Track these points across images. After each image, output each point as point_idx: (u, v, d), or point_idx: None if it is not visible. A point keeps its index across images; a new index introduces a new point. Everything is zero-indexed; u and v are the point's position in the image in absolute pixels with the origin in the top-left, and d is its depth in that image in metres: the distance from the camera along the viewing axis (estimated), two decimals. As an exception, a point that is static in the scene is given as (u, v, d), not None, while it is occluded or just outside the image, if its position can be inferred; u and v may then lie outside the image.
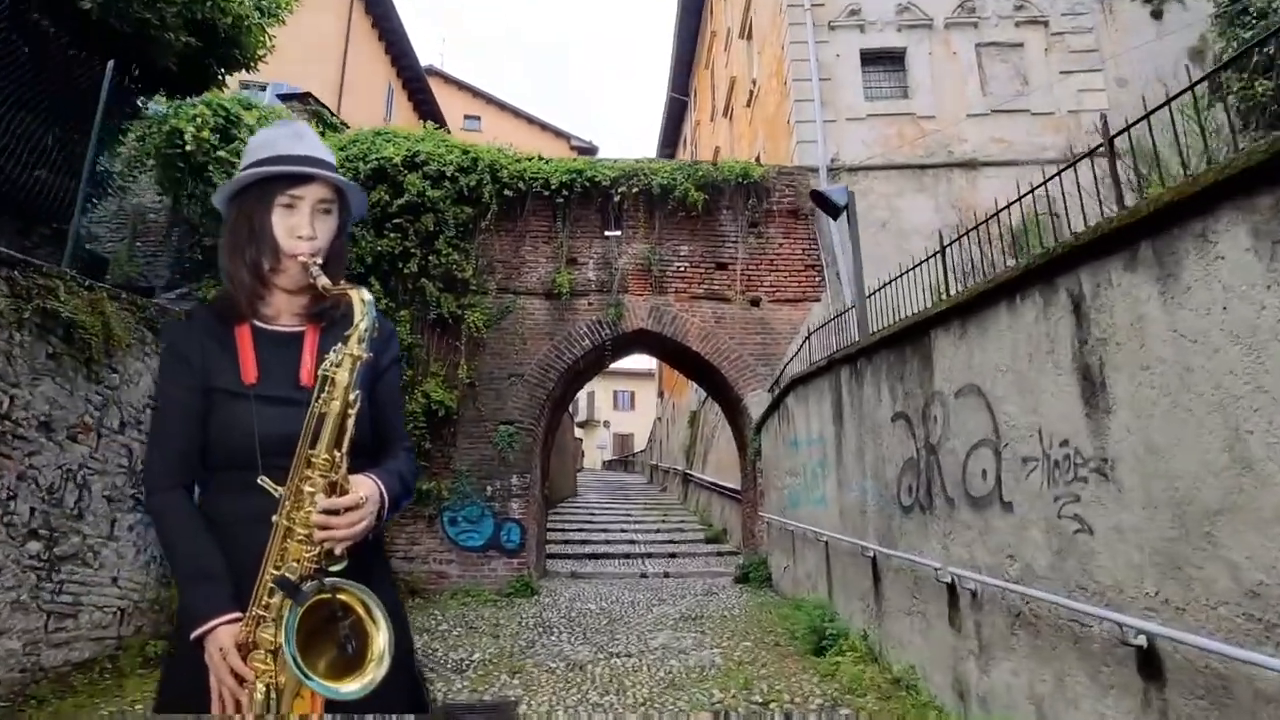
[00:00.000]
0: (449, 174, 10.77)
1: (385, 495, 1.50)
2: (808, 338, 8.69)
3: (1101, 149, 3.75)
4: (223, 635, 1.37)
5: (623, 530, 16.28)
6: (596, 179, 11.16)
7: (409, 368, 10.26)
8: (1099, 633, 3.05)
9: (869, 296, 6.78)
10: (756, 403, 10.51)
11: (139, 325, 6.20)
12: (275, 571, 1.37)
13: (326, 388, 1.43)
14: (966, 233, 5.21)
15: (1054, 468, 3.38)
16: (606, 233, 11.26)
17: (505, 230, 11.14)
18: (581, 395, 56.14)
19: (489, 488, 10.04)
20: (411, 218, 10.56)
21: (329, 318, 1.62)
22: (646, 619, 7.80)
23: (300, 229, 1.55)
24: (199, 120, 6.89)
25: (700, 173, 11.28)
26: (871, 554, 5.61)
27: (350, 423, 1.43)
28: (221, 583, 1.42)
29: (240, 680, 1.35)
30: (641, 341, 11.35)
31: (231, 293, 1.59)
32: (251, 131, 7.44)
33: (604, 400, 55.15)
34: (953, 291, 5.06)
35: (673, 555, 12.97)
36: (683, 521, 17.96)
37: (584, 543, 14.48)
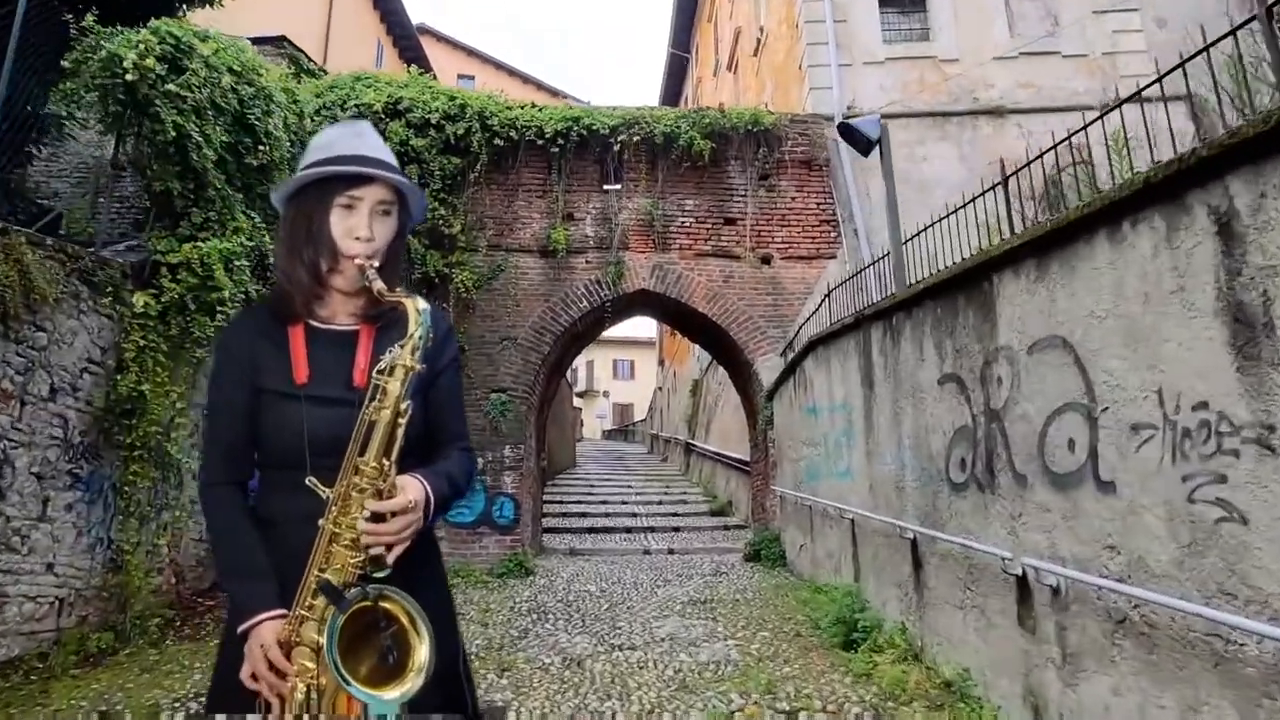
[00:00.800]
0: (434, 122, 9.92)
1: (432, 497, 1.48)
2: (829, 294, 7.92)
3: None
4: (265, 631, 1.39)
5: (623, 503, 15.65)
6: (594, 127, 10.30)
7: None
8: (1257, 654, 2.33)
9: (904, 242, 6.01)
10: (768, 368, 9.77)
11: (71, 278, 5.43)
12: (319, 572, 1.39)
13: (378, 397, 1.43)
14: (1021, 168, 4.42)
15: (1182, 438, 2.63)
16: (605, 186, 10.43)
17: (496, 183, 10.31)
18: (580, 364, 55.58)
19: (480, 460, 9.32)
20: (394, 169, 9.71)
21: (385, 318, 1.59)
22: (651, 603, 7.12)
23: (358, 230, 1.53)
24: (142, 47, 6.05)
25: (707, 120, 10.42)
26: (911, 536, 4.90)
27: (400, 432, 1.42)
28: (266, 580, 1.45)
29: (281, 675, 1.36)
30: (643, 302, 10.57)
31: (287, 291, 1.57)
32: (207, 65, 6.59)
33: (603, 370, 54.48)
34: (981, 247, 4.29)
35: (676, 530, 12.31)
36: (685, 493, 17.31)
37: (583, 515, 13.82)
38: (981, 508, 4.06)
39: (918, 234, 6.11)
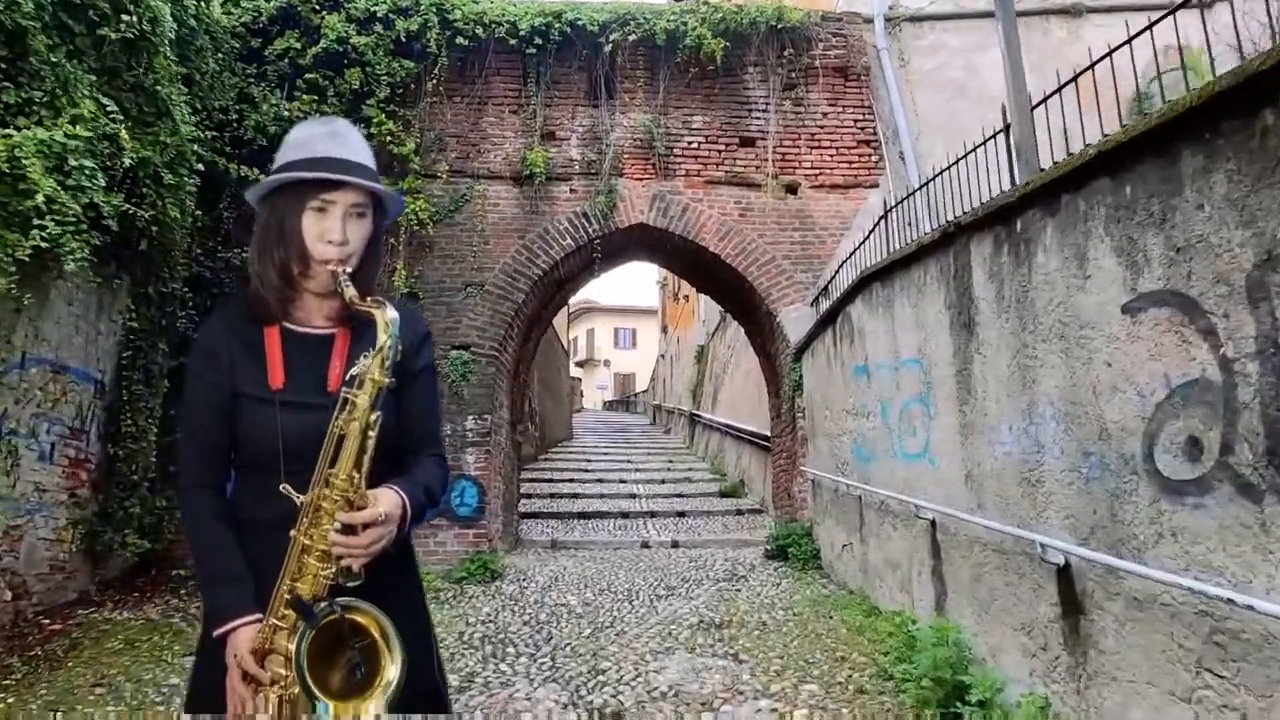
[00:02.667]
0: (381, 15, 7.94)
1: (408, 507, 1.48)
2: (883, 217, 6.00)
3: None
4: (240, 638, 1.40)
5: (621, 481, 13.88)
6: (580, 24, 8.30)
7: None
8: None
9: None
10: (794, 320, 7.89)
11: None
12: (292, 583, 1.39)
13: (347, 409, 1.43)
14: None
15: None
16: (594, 100, 8.47)
17: (459, 95, 8.35)
18: (580, 333, 53.83)
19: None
20: (330, 73, 7.79)
21: (361, 321, 1.54)
22: (649, 625, 5.33)
23: (331, 233, 1.51)
24: None
25: (719, 15, 8.42)
26: (1060, 559, 3.06)
27: (370, 444, 1.42)
28: (242, 583, 1.44)
29: (255, 683, 1.37)
30: (641, 242, 8.66)
31: (257, 294, 1.56)
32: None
33: (604, 338, 52.67)
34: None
35: (681, 515, 10.51)
36: (691, 470, 15.54)
37: (574, 497, 12.04)
38: (1248, 526, 2.21)
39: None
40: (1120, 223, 2.79)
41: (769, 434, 10.62)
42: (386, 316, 1.46)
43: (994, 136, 4.30)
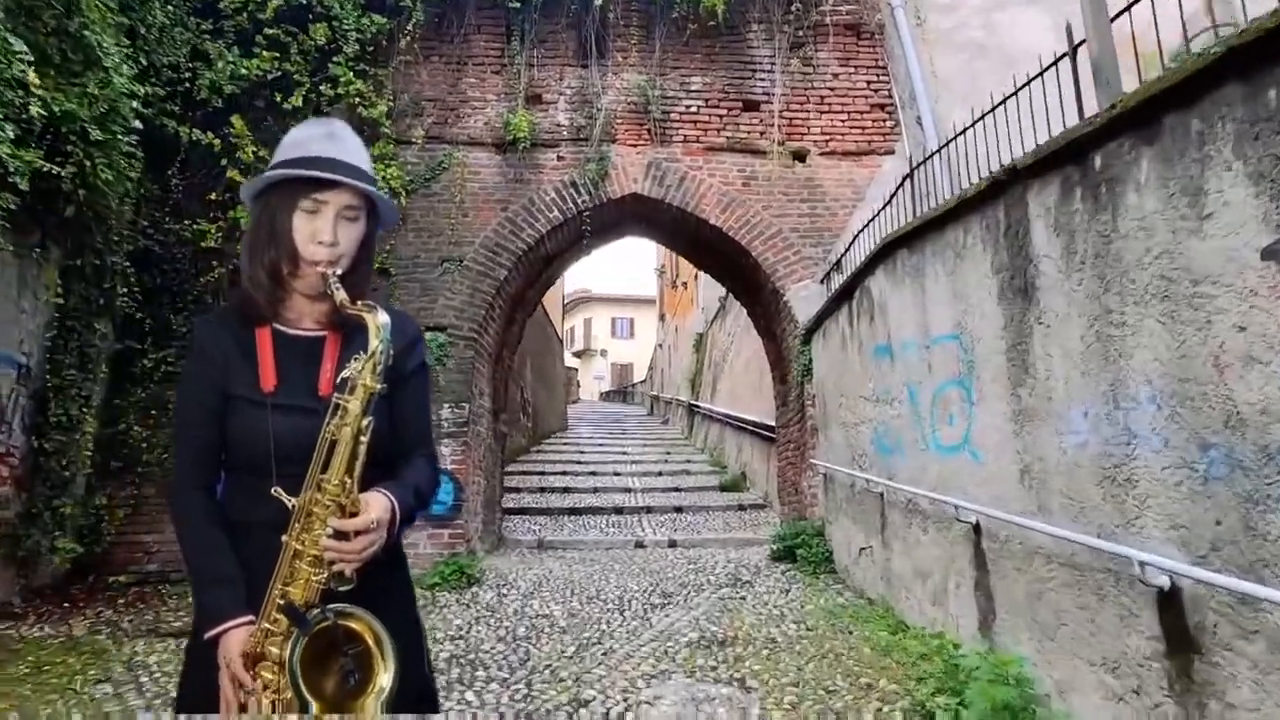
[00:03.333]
0: (349, -36, 7.22)
1: (398, 511, 1.47)
2: (907, 176, 5.31)
3: None
4: (231, 641, 1.39)
5: (616, 474, 13.21)
6: (569, -24, 7.60)
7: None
8: None
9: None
10: (803, 299, 7.20)
11: None
12: (283, 588, 1.38)
13: (339, 414, 1.42)
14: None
15: None
16: (584, 60, 7.76)
17: (436, 54, 7.64)
18: (578, 323, 53.09)
19: None
20: (294, 29, 7.06)
21: (353, 323, 1.52)
22: (641, 641, 4.66)
23: (322, 234, 1.49)
24: None
25: (720, -33, 7.71)
26: (1164, 582, 2.38)
27: (362, 450, 1.41)
28: (234, 586, 1.43)
29: (242, 687, 1.36)
30: (636, 215, 7.96)
31: (247, 294, 1.55)
32: None
33: (602, 328, 51.98)
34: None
35: (679, 510, 9.84)
36: (689, 462, 14.87)
37: (565, 492, 11.37)
38: None
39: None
40: (1259, 140, 2.10)
41: (773, 424, 9.95)
42: (378, 321, 1.45)
43: (1059, 60, 3.60)
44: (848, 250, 6.57)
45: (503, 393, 8.05)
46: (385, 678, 1.37)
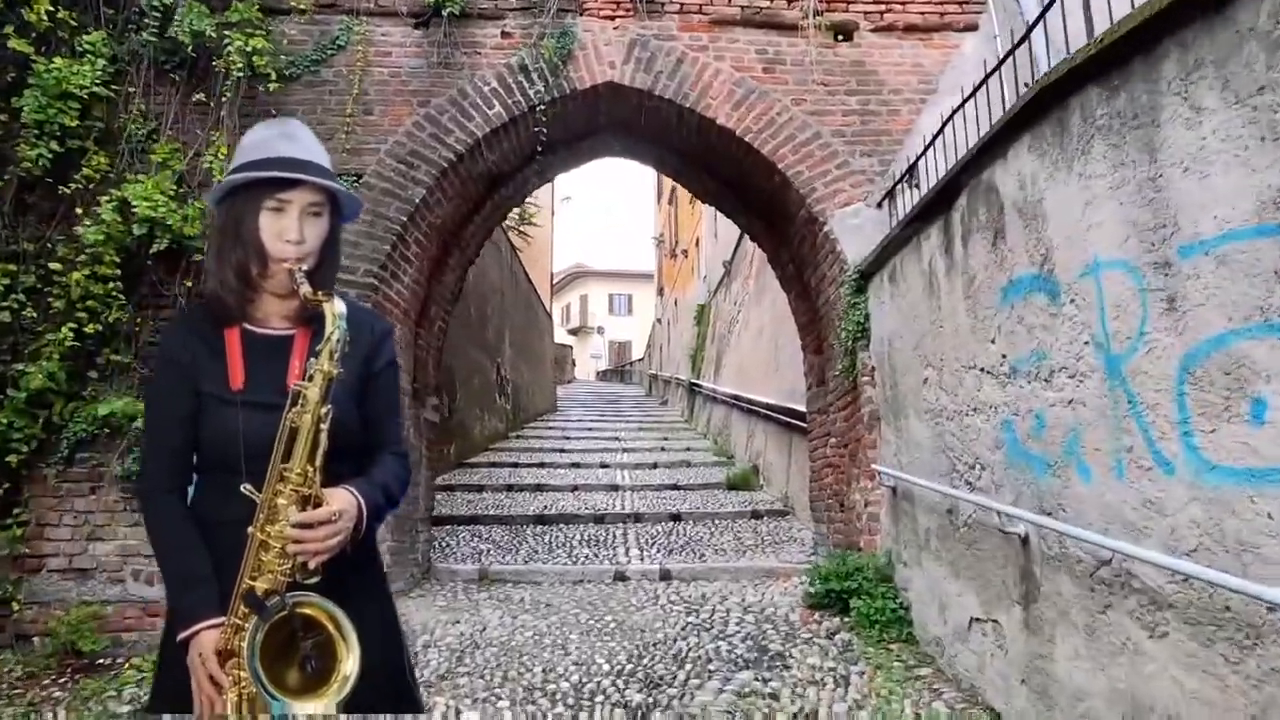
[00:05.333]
0: None
1: (364, 507, 1.48)
2: (1022, 41, 3.07)
3: None
4: (204, 640, 1.39)
5: (603, 466, 11.09)
6: None
7: (99, 149, 4.71)
8: None
9: None
10: (854, 228, 4.99)
11: None
12: (250, 580, 1.38)
13: (299, 403, 1.42)
14: None
15: None
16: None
17: (331, -114, 5.37)
18: (574, 299, 50.83)
19: None
20: None
21: (321, 321, 1.50)
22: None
23: (288, 233, 1.51)
24: None
25: None
26: None
27: (323, 437, 1.41)
28: (207, 586, 1.44)
29: (217, 686, 1.37)
30: (613, 119, 5.70)
31: (216, 296, 1.56)
32: None
33: (598, 304, 49.76)
34: None
35: (676, 519, 7.66)
36: (689, 450, 12.74)
37: (537, 490, 9.23)
38: None
39: None
40: None
41: (799, 409, 7.77)
42: (334, 309, 1.46)
43: None
44: (918, 161, 4.33)
45: (431, 368, 5.83)
46: (349, 663, 1.36)
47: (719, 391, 14.01)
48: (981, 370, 3.25)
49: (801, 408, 7.76)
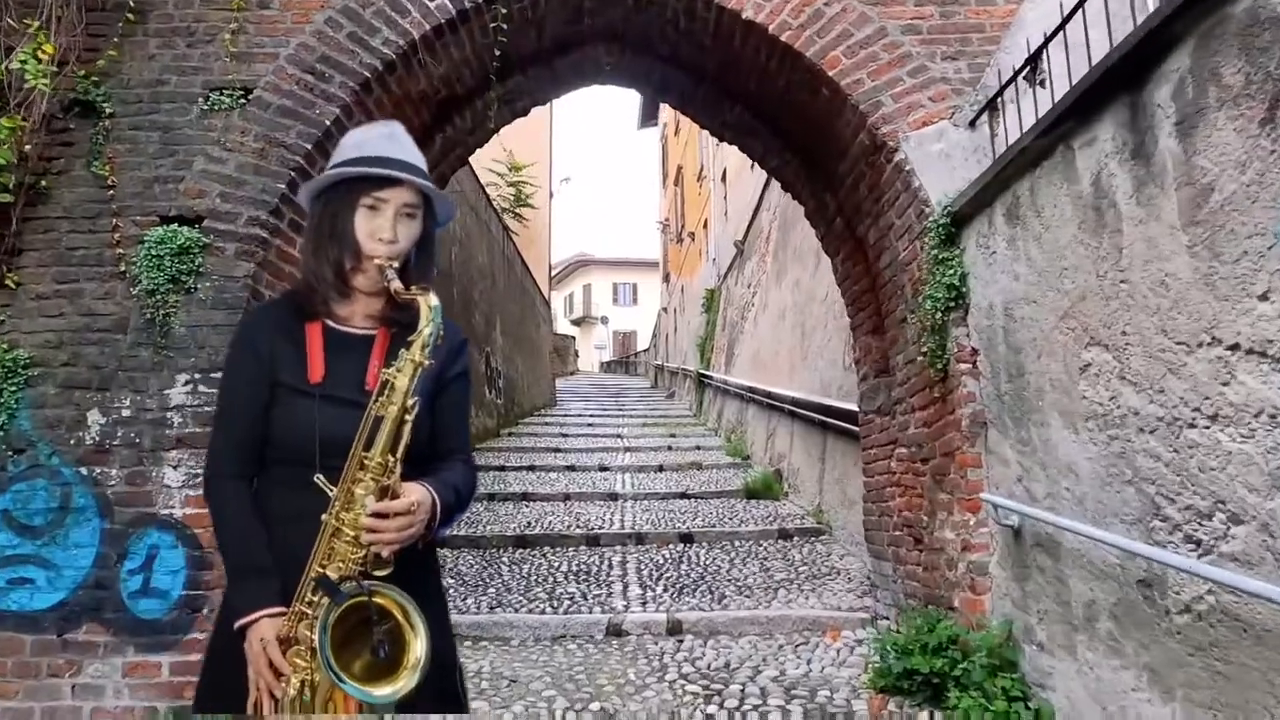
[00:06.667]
0: None
1: (438, 505, 1.48)
2: None
3: None
4: (265, 627, 1.39)
5: (602, 469, 9.73)
6: None
7: None
8: None
9: None
10: (937, 155, 3.55)
11: None
12: (321, 567, 1.39)
13: (386, 391, 1.43)
14: None
15: None
16: None
17: None
18: (577, 289, 49.36)
19: (100, 416, 3.18)
20: None
21: (402, 323, 1.55)
22: None
23: (382, 231, 1.53)
24: None
25: None
26: None
27: (407, 429, 1.42)
28: (269, 577, 1.44)
29: (277, 674, 1.37)
30: (598, 18, 4.23)
31: (308, 289, 1.59)
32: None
33: (602, 294, 48.36)
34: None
35: (687, 540, 6.24)
36: (700, 450, 11.35)
37: (523, 500, 7.85)
38: None
39: None
40: None
41: (836, 404, 6.37)
42: (429, 302, 1.46)
43: None
44: (1029, 64, 2.91)
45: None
46: (419, 646, 1.36)
47: (731, 383, 12.61)
48: (1232, 349, 1.84)
49: (839, 403, 6.38)
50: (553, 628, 4.34)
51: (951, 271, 3.29)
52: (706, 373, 16.15)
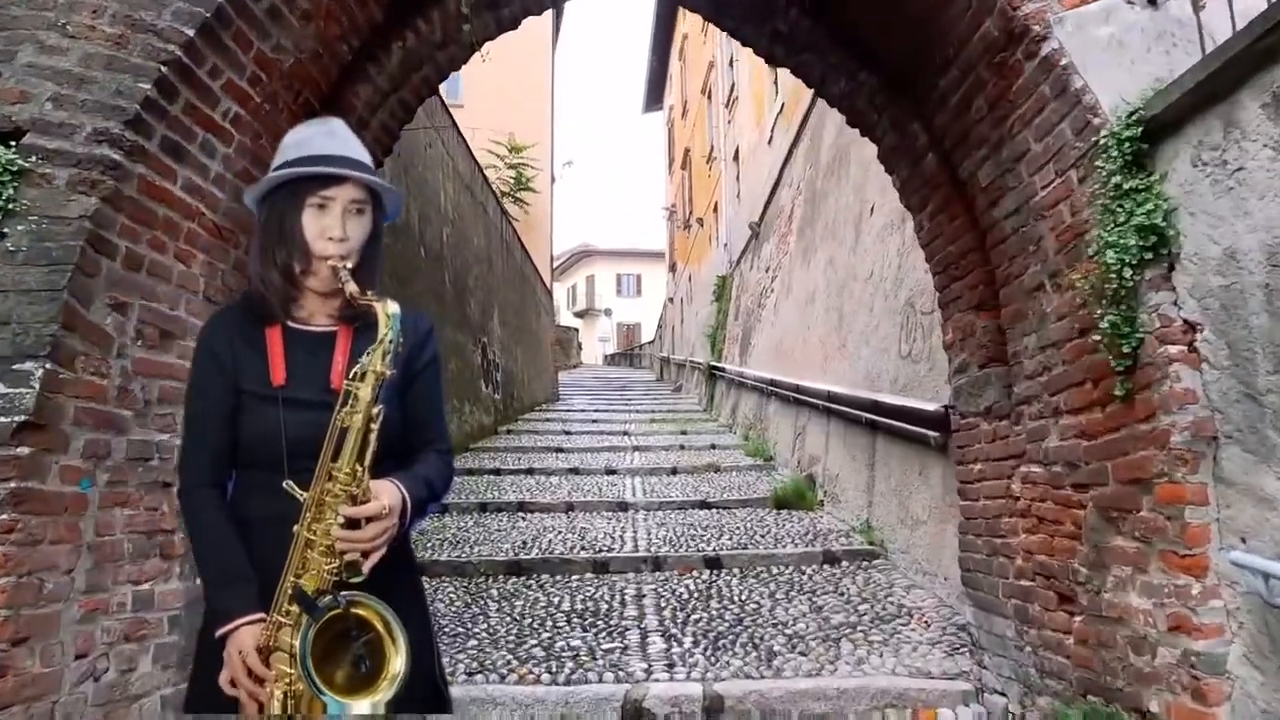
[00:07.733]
0: None
1: (409, 501, 1.48)
2: None
3: None
4: (244, 636, 1.39)
5: (609, 473, 8.70)
6: None
7: None
8: None
9: None
10: (1106, 47, 2.43)
11: None
12: (295, 579, 1.38)
13: (349, 402, 1.42)
14: None
15: None
16: None
17: None
18: (579, 280, 48.12)
19: None
20: None
21: (363, 318, 1.55)
22: None
23: (332, 230, 1.52)
24: None
25: None
26: None
27: (373, 437, 1.42)
28: (247, 583, 1.44)
29: (259, 681, 1.36)
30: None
31: (259, 295, 1.57)
32: None
33: (606, 285, 47.29)
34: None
35: (714, 566, 5.14)
36: (715, 450, 10.29)
37: (519, 511, 6.77)
38: None
39: None
40: None
41: (886, 400, 5.27)
42: (388, 310, 1.46)
43: None
44: None
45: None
46: (398, 662, 1.36)
47: (749, 376, 11.52)
48: None
49: (894, 399, 5.30)
50: (551, 704, 3.24)
51: (1149, 207, 2.18)
52: (719, 365, 15.06)
